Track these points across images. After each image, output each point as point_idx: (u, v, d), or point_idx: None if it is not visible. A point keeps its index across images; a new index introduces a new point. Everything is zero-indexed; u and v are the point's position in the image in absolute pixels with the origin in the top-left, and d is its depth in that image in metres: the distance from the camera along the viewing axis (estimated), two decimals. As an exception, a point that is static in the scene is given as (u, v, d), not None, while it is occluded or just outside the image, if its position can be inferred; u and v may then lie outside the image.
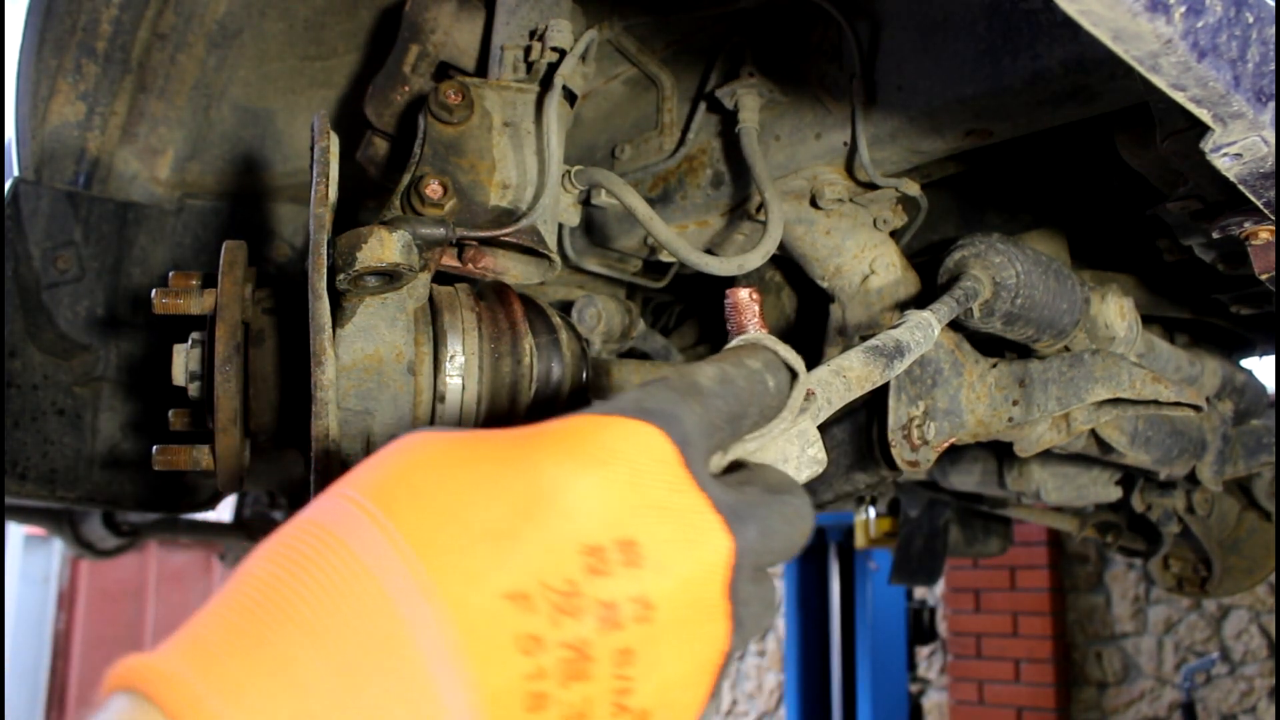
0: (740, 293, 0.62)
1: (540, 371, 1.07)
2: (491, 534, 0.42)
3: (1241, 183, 0.80)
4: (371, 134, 1.30)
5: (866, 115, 1.17)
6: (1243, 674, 4.69)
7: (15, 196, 1.49)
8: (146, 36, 1.45)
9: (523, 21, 1.21)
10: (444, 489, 0.44)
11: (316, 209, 0.87)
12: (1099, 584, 5.16)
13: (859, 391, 0.78)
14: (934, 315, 0.94)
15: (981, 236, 1.18)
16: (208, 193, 1.62)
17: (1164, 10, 0.59)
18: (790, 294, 1.64)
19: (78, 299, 1.53)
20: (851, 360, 0.80)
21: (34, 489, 1.50)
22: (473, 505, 0.43)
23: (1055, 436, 1.33)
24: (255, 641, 0.39)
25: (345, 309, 0.96)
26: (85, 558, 3.23)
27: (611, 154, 1.44)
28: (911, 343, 0.88)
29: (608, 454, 0.45)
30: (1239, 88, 0.66)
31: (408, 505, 0.43)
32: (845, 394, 0.76)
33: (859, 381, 0.79)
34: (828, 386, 0.73)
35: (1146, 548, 2.41)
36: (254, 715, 0.37)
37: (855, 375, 0.79)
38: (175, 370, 1.02)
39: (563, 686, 0.42)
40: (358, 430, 0.95)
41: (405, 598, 0.40)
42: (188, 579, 7.45)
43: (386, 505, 0.43)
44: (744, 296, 0.62)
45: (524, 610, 0.42)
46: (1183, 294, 1.63)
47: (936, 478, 1.90)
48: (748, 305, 0.62)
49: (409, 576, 0.40)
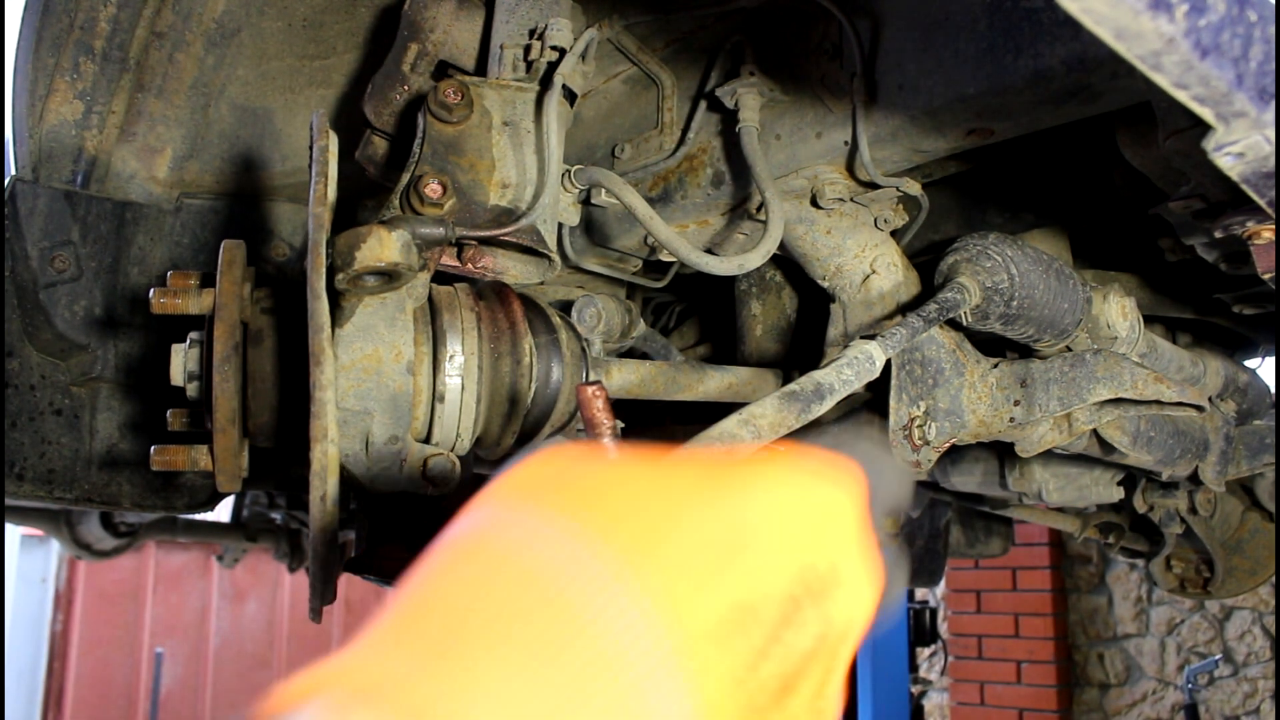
0: (586, 389, 0.62)
1: (540, 371, 1.07)
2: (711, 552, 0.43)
3: (1244, 182, 0.79)
4: (371, 133, 1.30)
5: (867, 114, 1.17)
6: (1246, 675, 4.68)
7: (12, 196, 1.49)
8: (144, 35, 1.44)
9: (522, 20, 1.20)
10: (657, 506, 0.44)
11: (315, 208, 0.87)
12: (1101, 585, 5.15)
13: (772, 437, 0.82)
14: (879, 346, 0.96)
15: (978, 238, 1.18)
16: (206, 192, 1.62)
17: (1166, 9, 0.59)
18: (791, 293, 1.63)
19: (75, 299, 1.52)
20: (764, 408, 0.82)
21: (32, 489, 1.50)
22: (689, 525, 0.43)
23: (1057, 436, 1.33)
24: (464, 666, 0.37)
25: (344, 309, 0.95)
26: (83, 558, 3.23)
27: (611, 153, 1.44)
28: (838, 383, 0.90)
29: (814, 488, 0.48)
30: (1241, 86, 0.66)
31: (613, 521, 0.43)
32: (754, 443, 0.82)
33: (771, 428, 0.82)
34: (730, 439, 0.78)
35: (1149, 548, 2.40)
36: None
37: (767, 423, 0.82)
38: (173, 370, 1.02)
39: (775, 703, 0.43)
40: (356, 430, 0.95)
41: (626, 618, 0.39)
42: (186, 579, 7.45)
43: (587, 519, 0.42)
44: (589, 393, 0.61)
45: (742, 630, 0.42)
46: (1185, 293, 1.63)
47: (938, 478, 1.90)
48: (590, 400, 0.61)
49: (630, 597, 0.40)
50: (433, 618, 0.39)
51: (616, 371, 1.25)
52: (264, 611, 7.80)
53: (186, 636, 7.36)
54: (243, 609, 7.70)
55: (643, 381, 1.28)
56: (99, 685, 6.93)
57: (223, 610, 7.57)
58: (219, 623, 7.53)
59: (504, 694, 0.36)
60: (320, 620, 0.86)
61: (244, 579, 7.65)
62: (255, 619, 7.75)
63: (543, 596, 0.39)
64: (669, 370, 1.32)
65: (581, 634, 0.38)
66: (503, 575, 0.40)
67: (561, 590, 0.39)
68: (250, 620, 7.72)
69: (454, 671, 0.36)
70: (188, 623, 7.40)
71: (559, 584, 0.40)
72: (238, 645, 7.54)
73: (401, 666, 0.36)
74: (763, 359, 1.61)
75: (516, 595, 0.39)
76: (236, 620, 7.64)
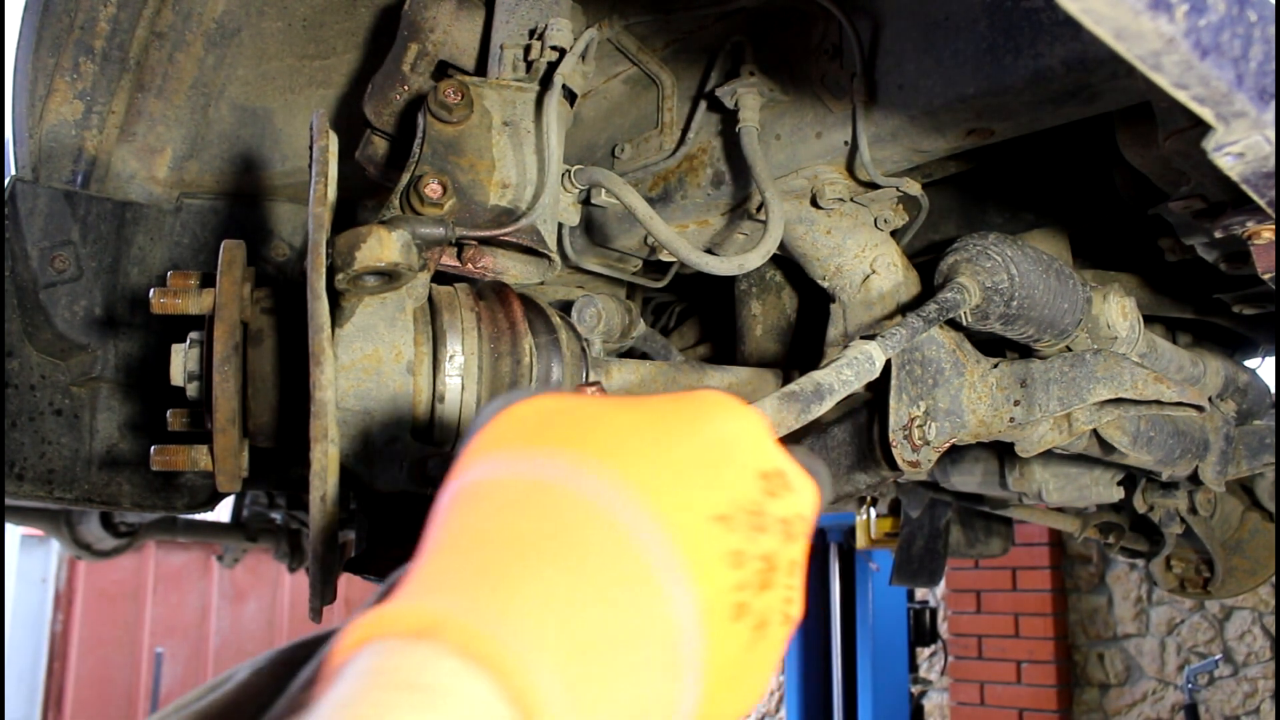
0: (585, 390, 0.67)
1: (540, 371, 1.07)
2: (691, 467, 0.49)
3: (1244, 182, 0.79)
4: (371, 133, 1.30)
5: (867, 114, 1.17)
6: (1246, 675, 4.68)
7: (13, 195, 1.49)
8: (144, 35, 1.44)
9: (522, 20, 1.20)
10: (637, 434, 0.50)
11: (315, 208, 0.87)
12: (1101, 585, 5.15)
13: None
14: (879, 346, 0.96)
15: (978, 238, 1.18)
16: (206, 192, 1.62)
17: (1166, 9, 0.59)
18: (791, 293, 1.63)
19: (75, 299, 1.52)
20: (764, 408, 0.82)
21: (31, 489, 1.50)
22: (668, 445, 0.50)
23: (1057, 436, 1.33)
24: (509, 579, 0.41)
25: (344, 309, 0.95)
26: (83, 558, 3.23)
27: (611, 153, 1.44)
28: (837, 383, 0.90)
29: (744, 413, 0.54)
30: (1241, 86, 0.66)
31: (612, 449, 0.49)
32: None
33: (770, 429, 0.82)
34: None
35: (1149, 548, 2.40)
36: (528, 639, 0.38)
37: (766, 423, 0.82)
38: (173, 370, 1.02)
39: (756, 596, 0.49)
40: (356, 430, 0.95)
41: (636, 524, 0.45)
42: (186, 579, 7.45)
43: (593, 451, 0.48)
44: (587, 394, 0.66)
45: (728, 529, 0.48)
46: (1185, 293, 1.63)
47: (937, 478, 1.90)
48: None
49: (637, 508, 0.46)
50: (472, 552, 0.43)
51: (616, 371, 1.25)
52: (264, 611, 7.80)
53: (186, 636, 7.36)
54: (243, 609, 7.70)
55: (643, 381, 1.28)
56: (99, 685, 6.93)
57: (223, 610, 7.58)
58: (219, 623, 7.53)
59: (551, 610, 0.40)
60: (320, 620, 0.86)
61: (244, 579, 7.65)
62: (255, 619, 7.75)
63: (566, 519, 0.44)
64: (669, 370, 1.32)
65: (605, 547, 0.44)
66: (528, 504, 0.45)
67: (581, 510, 0.45)
68: (250, 620, 7.72)
69: (504, 598, 0.40)
70: (188, 623, 7.40)
71: (577, 506, 0.45)
72: (238, 645, 7.54)
73: (455, 601, 0.39)
74: (763, 359, 1.61)
75: (543, 520, 0.44)
76: (236, 620, 7.64)
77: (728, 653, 0.47)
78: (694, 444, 0.50)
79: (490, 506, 0.46)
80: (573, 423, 0.51)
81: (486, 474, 0.48)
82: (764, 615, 0.49)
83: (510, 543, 0.43)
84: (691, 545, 0.46)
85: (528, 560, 0.42)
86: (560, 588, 0.41)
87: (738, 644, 0.48)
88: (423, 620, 0.37)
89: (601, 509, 0.45)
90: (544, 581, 0.41)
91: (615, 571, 0.43)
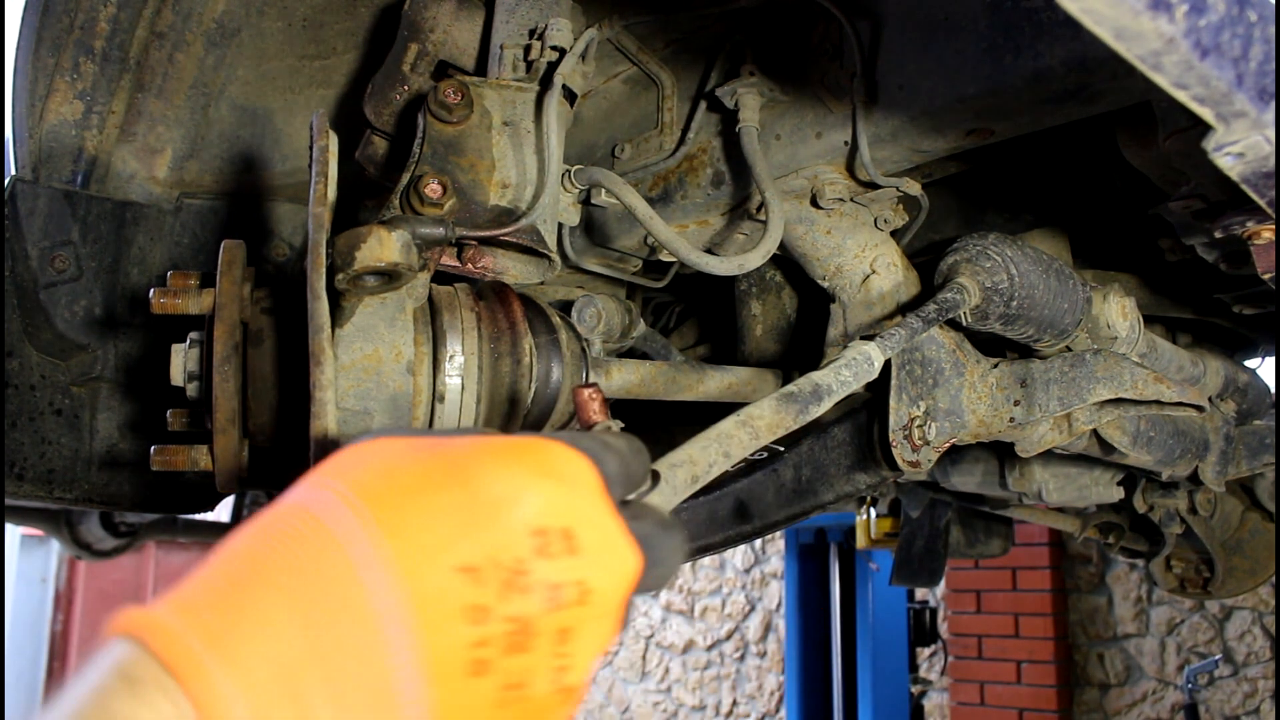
0: (583, 391, 0.67)
1: (540, 371, 1.07)
2: (449, 514, 0.49)
3: (1244, 182, 0.79)
4: (370, 133, 1.30)
5: (867, 114, 1.17)
6: (1246, 675, 4.68)
7: (12, 196, 1.49)
8: (144, 35, 1.44)
9: (522, 20, 1.20)
10: (409, 476, 0.50)
11: (315, 208, 0.87)
12: (1101, 585, 5.15)
13: (769, 439, 0.82)
14: (878, 346, 0.96)
15: (978, 238, 1.18)
16: (206, 192, 1.62)
17: (1166, 9, 0.59)
18: (791, 293, 1.63)
19: (75, 299, 1.52)
20: (762, 409, 0.83)
21: (31, 489, 1.50)
22: (434, 491, 0.49)
23: (1057, 436, 1.33)
24: (237, 600, 0.45)
25: (344, 309, 0.95)
26: (83, 558, 3.23)
27: (611, 153, 1.44)
28: (836, 384, 0.90)
29: (550, 466, 0.53)
30: (1241, 86, 0.66)
31: (377, 489, 0.49)
32: (751, 444, 0.81)
33: (769, 429, 0.82)
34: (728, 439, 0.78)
35: (1149, 548, 2.40)
36: (232, 658, 0.42)
37: (764, 424, 0.82)
38: (173, 370, 1.02)
39: (505, 656, 0.48)
40: (357, 430, 0.95)
41: (367, 566, 0.46)
42: (187, 579, 7.45)
43: (359, 489, 0.49)
44: (585, 395, 0.67)
45: (474, 583, 0.47)
46: (1185, 294, 1.63)
47: (937, 478, 1.90)
48: (586, 403, 0.67)
49: (372, 548, 0.47)
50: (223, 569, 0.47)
51: (616, 371, 1.25)
52: (264, 611, 7.79)
53: (186, 636, 7.35)
54: (243, 609, 7.69)
55: (642, 382, 1.28)
56: (99, 685, 6.91)
57: (223, 610, 7.56)
58: (219, 623, 7.52)
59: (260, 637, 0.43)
60: (320, 620, 0.86)
61: (244, 579, 7.64)
62: (255, 619, 7.74)
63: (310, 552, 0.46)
64: (669, 370, 1.32)
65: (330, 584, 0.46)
66: (288, 533, 0.47)
67: (324, 546, 0.47)
68: (250, 620, 7.71)
69: (222, 618, 0.44)
70: (188, 623, 7.38)
71: (322, 541, 0.47)
72: (238, 645, 7.52)
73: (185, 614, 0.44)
74: (763, 359, 1.61)
75: (289, 551, 0.46)
76: (236, 620, 7.62)
77: (466, 708, 0.47)
78: (461, 493, 0.50)
79: (259, 529, 0.48)
80: (372, 461, 0.52)
81: (287, 498, 0.51)
82: (518, 678, 0.48)
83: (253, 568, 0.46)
84: (423, 593, 0.46)
85: (259, 586, 0.45)
86: (277, 616, 0.44)
87: (481, 701, 0.47)
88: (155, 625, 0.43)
89: (341, 545, 0.46)
90: (263, 608, 0.44)
91: (332, 608, 0.45)
